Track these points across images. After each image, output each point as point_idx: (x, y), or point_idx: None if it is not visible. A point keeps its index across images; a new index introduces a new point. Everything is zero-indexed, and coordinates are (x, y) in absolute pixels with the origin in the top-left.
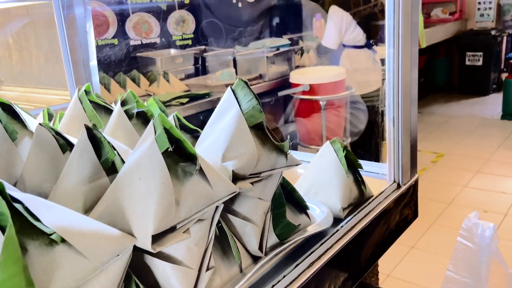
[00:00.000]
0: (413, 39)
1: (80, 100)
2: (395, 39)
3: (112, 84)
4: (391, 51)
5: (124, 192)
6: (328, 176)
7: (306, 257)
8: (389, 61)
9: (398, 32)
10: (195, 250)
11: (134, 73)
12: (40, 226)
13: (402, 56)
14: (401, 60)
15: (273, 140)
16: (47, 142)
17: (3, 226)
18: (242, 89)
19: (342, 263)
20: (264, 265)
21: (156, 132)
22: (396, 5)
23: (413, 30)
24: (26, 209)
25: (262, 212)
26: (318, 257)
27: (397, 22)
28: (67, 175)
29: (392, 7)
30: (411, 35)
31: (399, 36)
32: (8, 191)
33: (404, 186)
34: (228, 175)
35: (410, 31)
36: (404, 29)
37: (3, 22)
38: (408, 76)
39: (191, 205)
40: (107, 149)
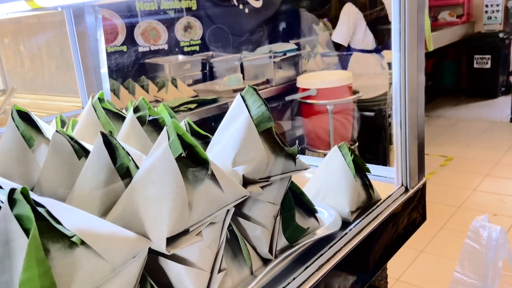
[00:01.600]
0: (419, 42)
1: (94, 107)
2: (401, 43)
3: (121, 90)
4: (397, 55)
5: (139, 196)
6: (336, 180)
7: (315, 260)
8: (396, 65)
9: (404, 36)
10: (208, 253)
11: (142, 80)
12: (61, 229)
13: (409, 60)
14: (407, 64)
15: (282, 145)
16: (63, 149)
17: (27, 228)
18: (252, 95)
19: (351, 266)
20: (274, 268)
21: (169, 138)
22: (402, 9)
23: (419, 34)
24: (48, 213)
25: (272, 216)
26: (327, 260)
27: (403, 26)
28: (84, 180)
29: (397, 11)
30: (417, 39)
31: (405, 40)
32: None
33: (412, 189)
34: (239, 179)
35: (416, 35)
36: (410, 33)
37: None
38: (414, 80)
39: (203, 208)
40: (122, 155)
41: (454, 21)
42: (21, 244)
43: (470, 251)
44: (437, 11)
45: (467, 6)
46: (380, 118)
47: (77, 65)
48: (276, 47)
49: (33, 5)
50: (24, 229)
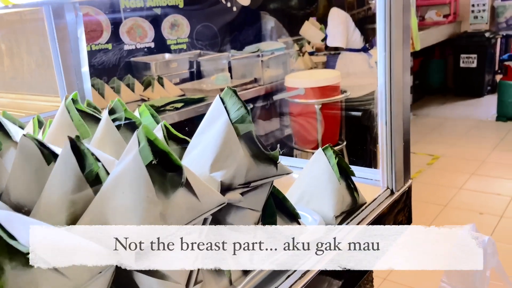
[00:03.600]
0: (404, 42)
1: (67, 109)
2: (386, 42)
3: (106, 89)
4: (383, 54)
5: (108, 206)
6: (321, 183)
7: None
8: (381, 65)
9: (389, 36)
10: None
11: (128, 78)
12: (16, 245)
13: (394, 60)
14: (393, 64)
15: (262, 149)
16: (31, 154)
17: None
18: (231, 97)
19: (335, 272)
20: (254, 277)
21: (139, 144)
22: (387, 9)
23: (405, 33)
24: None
25: (252, 223)
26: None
27: (388, 25)
28: (51, 187)
29: (383, 10)
30: (402, 39)
31: (391, 40)
32: None
33: (398, 192)
34: (217, 186)
35: (401, 34)
36: (396, 33)
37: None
38: (400, 81)
39: (177, 218)
40: (90, 161)
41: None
42: None
43: None
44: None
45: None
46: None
47: (57, 64)
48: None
49: (6, 2)
50: None
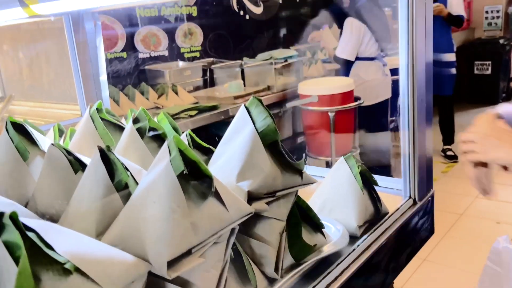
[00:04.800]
0: (427, 48)
1: (91, 118)
2: (409, 50)
3: (121, 97)
4: (405, 62)
5: (138, 216)
6: (343, 193)
7: (322, 278)
8: (403, 73)
9: (412, 42)
10: (211, 274)
11: (143, 86)
12: (53, 254)
13: (417, 68)
14: (415, 71)
15: (288, 158)
16: (59, 162)
17: (17, 256)
18: (257, 107)
19: (359, 283)
20: (280, 287)
21: (171, 154)
22: (410, 14)
23: (427, 40)
24: (39, 238)
25: (277, 233)
26: (335, 278)
27: (411, 31)
28: (80, 196)
29: (405, 15)
30: (425, 45)
31: (413, 46)
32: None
33: (420, 202)
34: (243, 195)
35: (424, 41)
36: (418, 39)
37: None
38: (422, 89)
39: (206, 228)
40: (120, 171)
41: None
42: (10, 273)
43: (491, 274)
44: None
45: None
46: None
47: (76, 72)
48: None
49: (30, 12)
50: (14, 257)
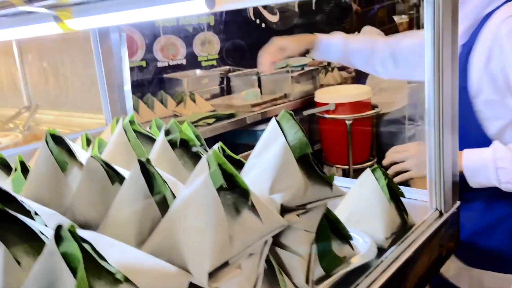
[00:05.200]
0: (453, 56)
1: (124, 129)
2: (435, 57)
3: (140, 105)
4: (431, 70)
5: (178, 228)
6: (370, 204)
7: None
8: (429, 81)
9: (438, 50)
10: (246, 285)
11: (161, 94)
12: (106, 265)
13: (443, 76)
14: (442, 80)
15: (319, 171)
16: (97, 174)
17: (73, 267)
18: (288, 121)
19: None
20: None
21: (210, 168)
22: (436, 21)
23: (454, 47)
24: (93, 249)
25: (308, 244)
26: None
27: (437, 39)
28: (119, 207)
29: (431, 23)
30: (451, 53)
31: (439, 55)
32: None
33: (447, 214)
34: (277, 208)
35: (450, 48)
36: (445, 47)
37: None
38: (449, 97)
39: (243, 240)
40: (159, 183)
41: None
42: (67, 283)
43: None
44: None
45: None
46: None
47: (102, 82)
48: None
49: (64, 28)
50: (71, 267)
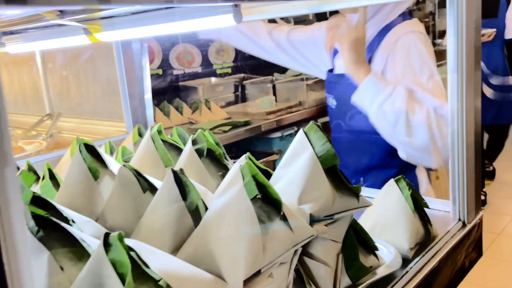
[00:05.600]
0: (476, 64)
1: (152, 139)
2: (459, 65)
3: (157, 112)
4: (454, 77)
5: (213, 236)
6: (394, 215)
7: None
8: (452, 89)
9: (461, 58)
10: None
11: (177, 102)
12: (150, 272)
13: (466, 84)
14: (465, 88)
15: (346, 182)
16: (129, 182)
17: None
18: (316, 132)
19: None
20: None
21: (244, 179)
22: (459, 29)
23: (477, 56)
24: (138, 257)
25: (335, 254)
26: None
27: (461, 45)
28: (152, 216)
29: (454, 31)
30: (474, 61)
31: (463, 62)
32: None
33: (470, 224)
34: (306, 218)
35: (473, 56)
36: (468, 54)
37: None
38: (472, 106)
39: (275, 249)
40: (192, 192)
41: None
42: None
43: None
44: None
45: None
46: None
47: (123, 91)
48: None
49: (93, 40)
50: (118, 273)
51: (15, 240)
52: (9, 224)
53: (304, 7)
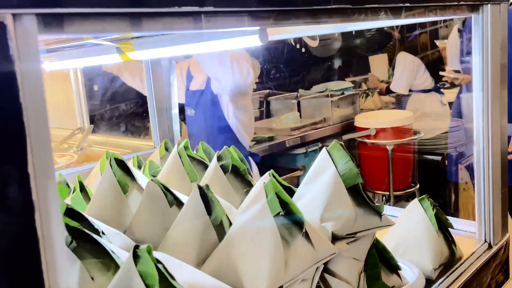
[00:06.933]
0: (502, 83)
1: (179, 154)
2: (484, 83)
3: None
4: (480, 96)
5: (236, 251)
6: (418, 235)
7: None
8: (478, 108)
9: (487, 76)
10: None
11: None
12: (176, 285)
13: (492, 102)
14: (490, 107)
15: (369, 201)
16: (156, 196)
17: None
18: (338, 151)
19: None
20: None
21: (267, 196)
22: (485, 47)
23: (502, 74)
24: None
25: (356, 272)
26: None
27: (486, 64)
28: (178, 229)
29: (479, 48)
30: (500, 79)
31: (488, 80)
32: None
33: (496, 246)
34: (328, 236)
35: (499, 75)
36: (493, 73)
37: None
38: (498, 125)
39: (296, 265)
40: (217, 208)
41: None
42: None
43: None
44: None
45: None
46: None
47: (151, 106)
48: (332, 85)
49: (125, 58)
50: (146, 285)
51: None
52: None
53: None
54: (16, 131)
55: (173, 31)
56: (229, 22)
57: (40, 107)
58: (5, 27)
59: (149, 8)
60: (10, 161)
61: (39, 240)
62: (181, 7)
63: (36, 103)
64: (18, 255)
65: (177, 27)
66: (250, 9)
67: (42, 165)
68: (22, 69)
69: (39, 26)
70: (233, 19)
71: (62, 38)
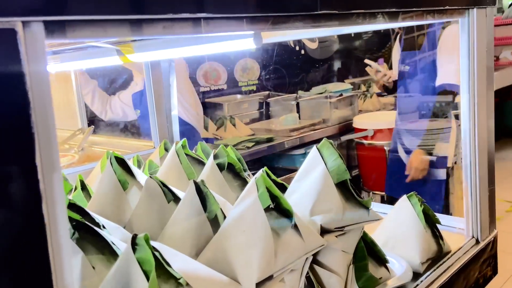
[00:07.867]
0: (488, 85)
1: (177, 153)
2: (470, 85)
3: None
4: (467, 98)
5: (229, 243)
6: (406, 230)
7: None
8: (465, 110)
9: (473, 78)
10: None
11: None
12: (172, 271)
13: (478, 104)
14: (477, 109)
15: (356, 196)
16: (155, 193)
17: (146, 271)
18: (328, 148)
19: None
20: None
21: (258, 190)
22: (471, 50)
23: (489, 76)
24: (162, 257)
25: (345, 264)
26: None
27: (472, 66)
28: (175, 223)
29: (466, 51)
30: (486, 81)
31: (475, 82)
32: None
33: (483, 242)
34: (317, 228)
35: (485, 77)
36: (479, 75)
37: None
38: (484, 126)
39: (286, 256)
40: (212, 202)
41: None
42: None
43: None
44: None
45: None
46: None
47: (151, 107)
48: (331, 87)
49: (125, 60)
50: (143, 270)
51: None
52: (55, 221)
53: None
54: (25, 126)
55: (173, 35)
56: (228, 26)
57: (46, 105)
58: (16, 34)
59: (149, 15)
60: (20, 153)
61: (46, 227)
62: (181, 13)
63: (43, 101)
64: (27, 241)
65: (177, 32)
66: (248, 14)
67: (48, 158)
68: (31, 71)
69: (46, 32)
70: (232, 23)
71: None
